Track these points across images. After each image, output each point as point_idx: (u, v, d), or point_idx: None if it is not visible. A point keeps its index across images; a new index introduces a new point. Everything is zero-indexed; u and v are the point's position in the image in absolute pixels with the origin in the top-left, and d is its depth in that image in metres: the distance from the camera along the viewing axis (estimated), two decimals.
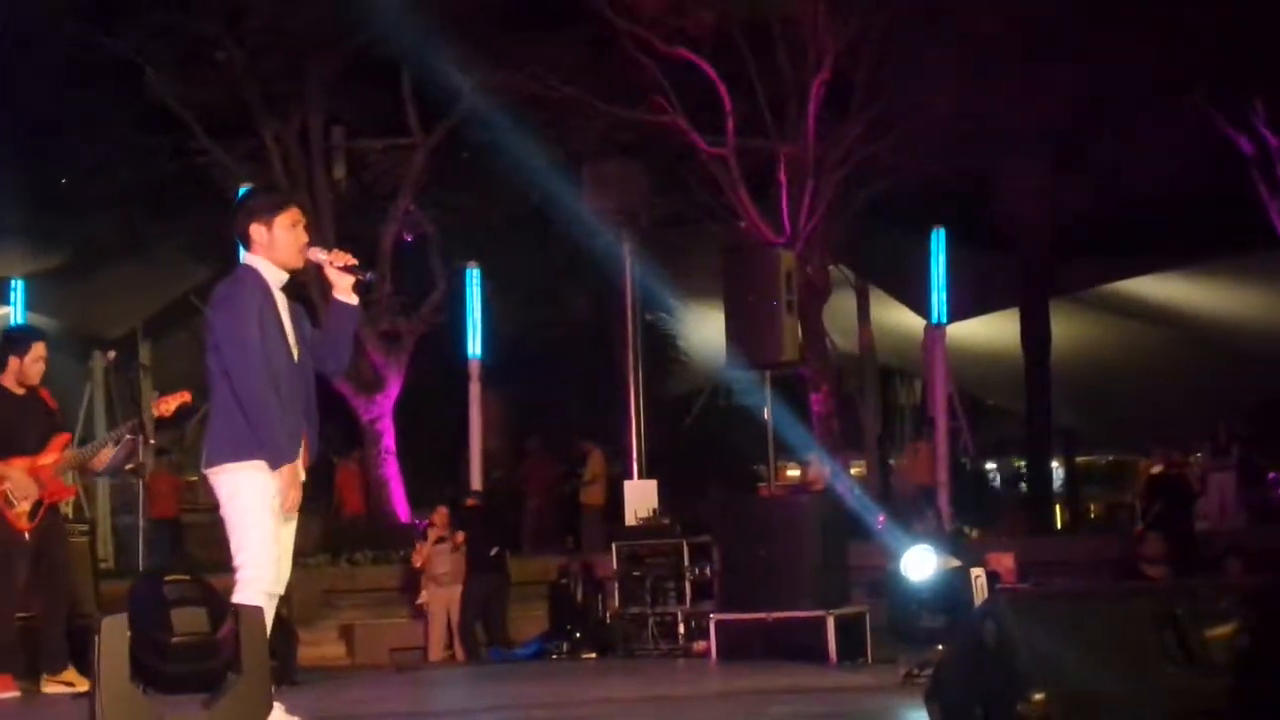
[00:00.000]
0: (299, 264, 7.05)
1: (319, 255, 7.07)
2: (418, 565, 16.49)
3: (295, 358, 6.98)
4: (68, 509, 17.19)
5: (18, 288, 19.78)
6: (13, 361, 10.69)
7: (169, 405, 10.33)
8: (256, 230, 6.99)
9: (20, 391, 10.67)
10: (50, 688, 10.54)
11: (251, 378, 6.81)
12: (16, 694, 10.39)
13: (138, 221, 23.05)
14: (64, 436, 10.69)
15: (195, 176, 22.40)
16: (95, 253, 23.76)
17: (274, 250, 6.97)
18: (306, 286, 7.11)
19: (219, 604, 6.47)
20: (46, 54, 21.81)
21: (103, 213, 23.23)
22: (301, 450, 6.99)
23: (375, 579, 17.56)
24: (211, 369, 6.89)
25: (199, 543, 17.04)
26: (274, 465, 6.80)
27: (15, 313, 19.68)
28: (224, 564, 6.84)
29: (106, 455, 10.66)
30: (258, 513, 6.82)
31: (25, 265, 22.63)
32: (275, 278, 6.99)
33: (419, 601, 16.38)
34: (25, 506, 10.44)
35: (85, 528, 13.39)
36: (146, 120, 22.76)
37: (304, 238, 7.04)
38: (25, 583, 10.57)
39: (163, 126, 22.64)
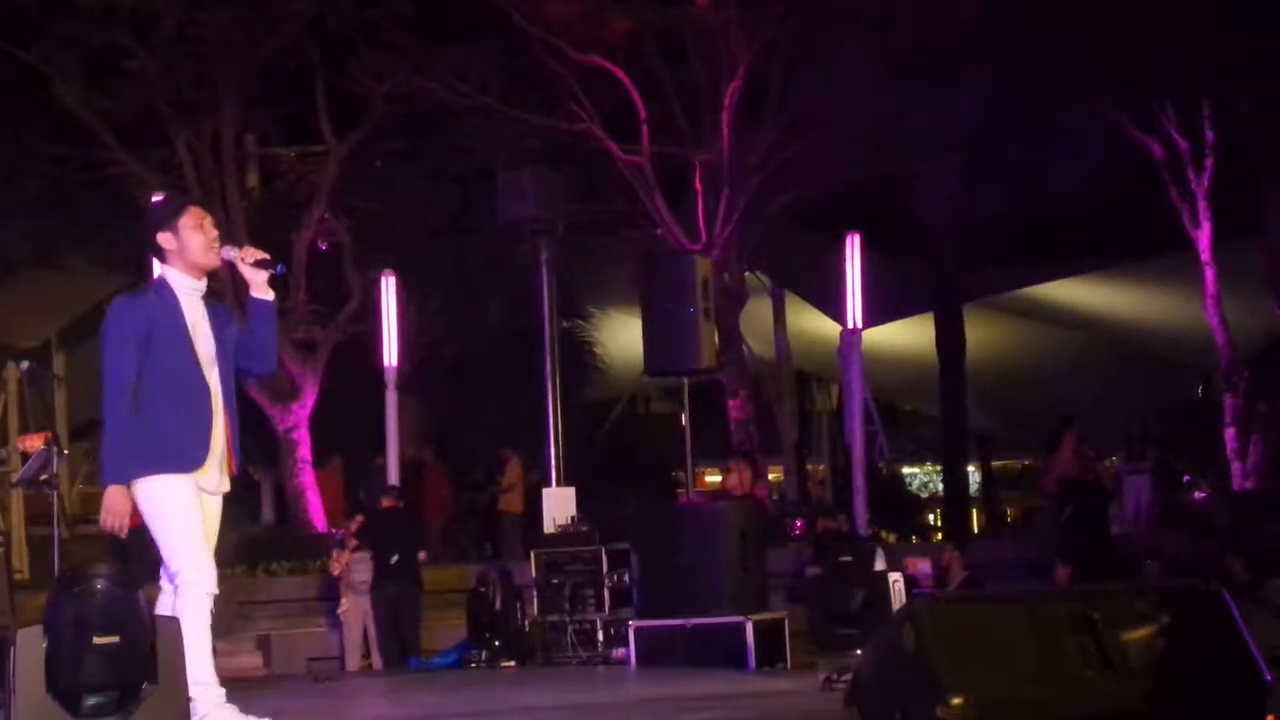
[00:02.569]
0: (213, 262, 7.08)
1: (230, 253, 7.11)
2: (336, 573, 16.40)
3: (203, 371, 7.01)
4: None
5: None
6: None
7: (32, 443, 10.28)
8: (164, 239, 7.03)
9: None
10: None
11: (115, 404, 6.88)
12: None
13: (49, 232, 22.81)
14: None
15: (108, 187, 22.18)
16: (7, 263, 23.50)
17: (185, 254, 7.01)
18: (221, 295, 7.10)
19: (137, 614, 6.44)
20: None
21: (13, 223, 22.97)
22: (221, 456, 6.99)
23: (292, 589, 17.45)
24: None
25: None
26: (185, 469, 6.85)
27: None
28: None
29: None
30: (177, 514, 6.84)
31: None
32: (189, 285, 7.02)
33: (339, 610, 16.29)
34: None
35: None
36: (57, 130, 22.52)
37: (211, 234, 7.07)
38: None
39: (74, 136, 22.40)
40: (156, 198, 17.55)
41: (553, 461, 15.60)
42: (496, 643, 13.74)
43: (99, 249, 22.74)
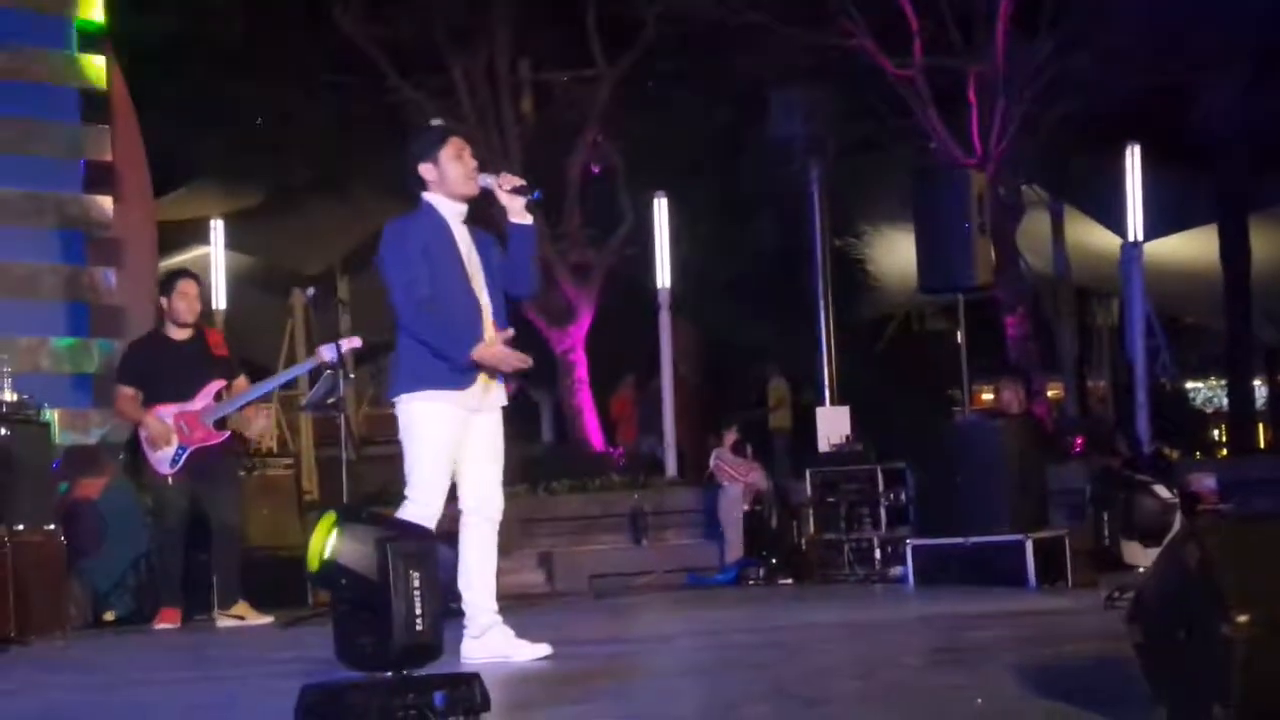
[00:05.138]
0: (472, 191, 7.26)
1: (488, 180, 7.28)
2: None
3: (474, 288, 7.22)
4: (271, 443, 17.66)
5: (216, 228, 20.14)
6: (162, 303, 10.95)
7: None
8: (426, 169, 7.24)
9: (179, 336, 10.87)
10: (224, 621, 10.88)
11: (411, 313, 7.14)
12: (177, 626, 10.74)
13: (332, 160, 23.37)
14: (218, 383, 10.85)
15: (387, 114, 22.65)
16: (291, 192, 24.14)
17: (445, 184, 7.21)
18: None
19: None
20: None
21: (297, 152, 23.58)
22: (489, 374, 7.21)
23: (572, 507, 17.72)
24: (390, 299, 7.17)
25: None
26: (452, 387, 7.10)
27: (215, 252, 20.07)
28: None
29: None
30: (428, 444, 7.04)
31: (222, 205, 23.03)
32: (452, 210, 7.23)
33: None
34: (166, 453, 10.71)
35: (289, 461, 13.69)
36: (338, 60, 23.05)
37: (471, 164, 7.25)
38: (186, 523, 10.89)
39: (354, 66, 22.90)
40: (426, 126, 17.92)
41: (826, 381, 15.58)
42: (773, 560, 13.82)
43: (380, 176, 23.27)
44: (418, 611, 4.84)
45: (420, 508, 7.10)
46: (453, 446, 7.21)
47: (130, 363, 11.05)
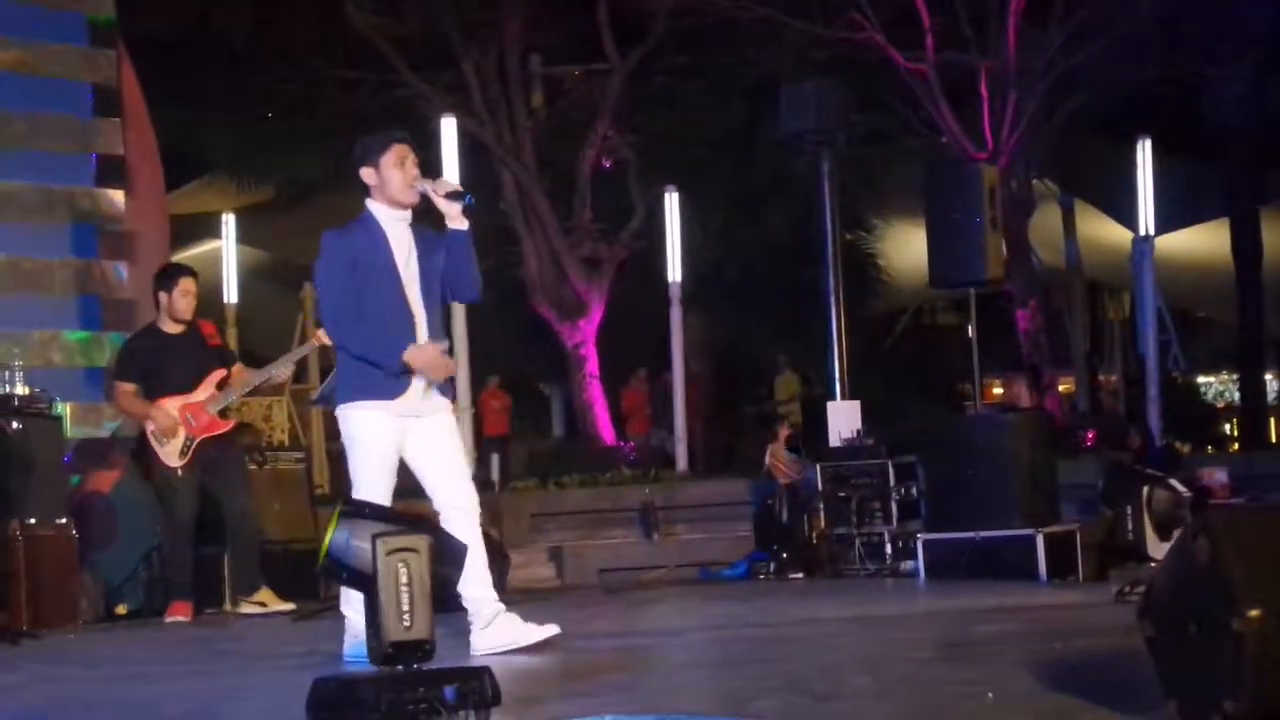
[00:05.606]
0: (411, 200, 7.35)
1: (424, 185, 7.32)
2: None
3: (408, 298, 7.31)
4: (283, 436, 17.67)
5: (228, 222, 20.19)
6: (161, 297, 10.96)
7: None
8: (367, 174, 7.36)
9: (174, 330, 10.90)
10: (246, 608, 10.89)
11: (335, 325, 7.30)
12: (188, 619, 10.76)
13: (342, 156, 23.38)
14: (219, 373, 10.89)
15: (397, 110, 22.67)
16: (301, 186, 24.18)
17: (385, 190, 7.32)
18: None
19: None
20: None
21: (307, 148, 23.60)
22: (424, 382, 7.27)
23: (583, 501, 17.72)
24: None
25: None
26: (386, 396, 7.19)
27: (226, 246, 20.11)
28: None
29: (284, 374, 11.01)
30: (365, 451, 7.25)
31: (234, 200, 23.10)
32: (391, 217, 7.35)
33: None
34: (174, 445, 10.73)
35: (300, 455, 13.69)
36: (348, 56, 23.07)
37: (412, 173, 7.32)
38: (195, 515, 10.92)
39: (365, 62, 22.92)
40: (447, 118, 17.93)
41: (837, 375, 15.54)
42: (784, 554, 13.81)
43: None
44: (405, 608, 4.84)
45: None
46: (392, 453, 7.29)
47: (129, 358, 11.05)
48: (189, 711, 6.11)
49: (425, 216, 7.50)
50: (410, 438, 7.30)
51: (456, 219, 7.37)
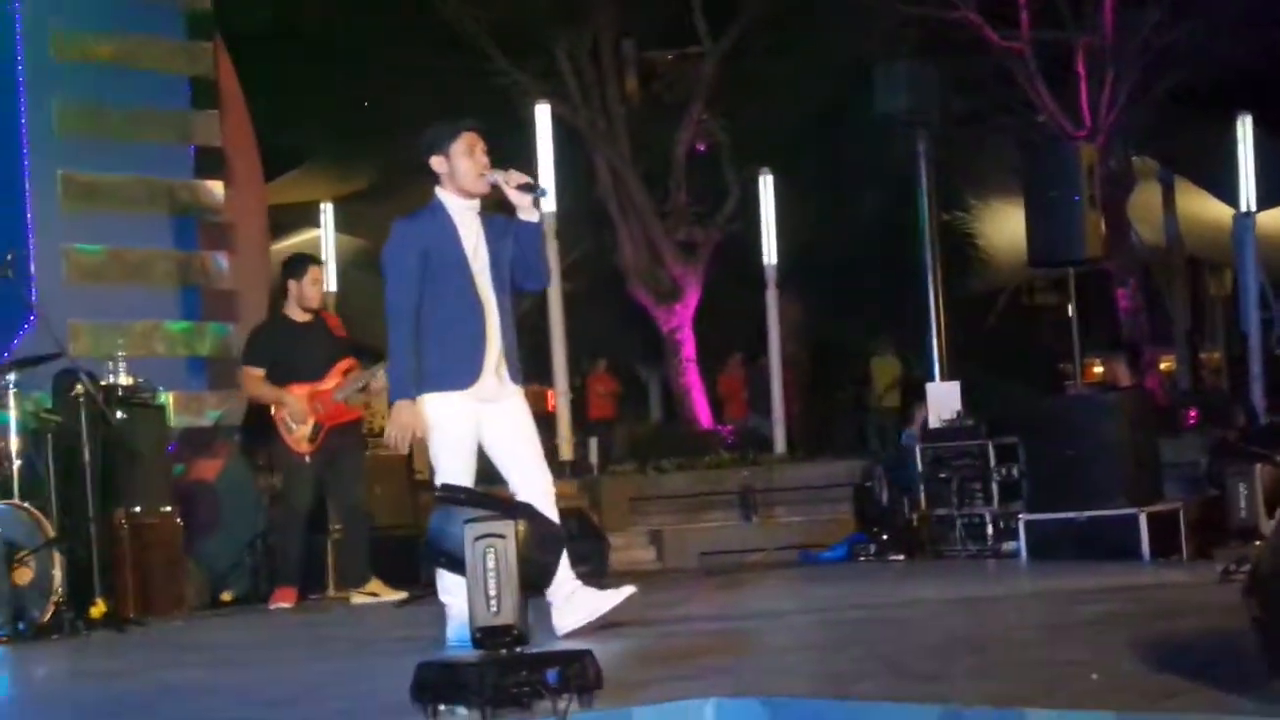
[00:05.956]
0: (481, 189, 7.36)
1: (496, 177, 7.32)
2: None
3: (478, 286, 7.36)
4: (383, 422, 17.77)
5: (326, 211, 20.34)
6: (291, 286, 11.07)
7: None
8: (437, 162, 7.38)
9: (302, 318, 11.02)
10: (357, 599, 10.98)
11: (394, 315, 7.34)
12: (292, 605, 10.84)
13: None
14: (347, 361, 10.98)
15: (493, 97, 22.74)
16: (397, 175, 24.29)
17: (454, 179, 7.33)
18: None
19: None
20: None
21: (403, 136, 23.70)
22: (498, 365, 7.34)
23: (681, 485, 17.75)
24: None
25: None
26: (458, 387, 7.26)
27: (324, 235, 20.25)
28: None
29: (381, 382, 11.06)
30: (444, 439, 7.30)
31: (332, 189, 23.23)
32: (460, 206, 7.33)
33: None
34: (304, 431, 10.82)
35: None
36: (442, 43, 23.15)
37: (482, 162, 7.33)
38: (312, 503, 11.01)
39: (459, 49, 23.00)
40: (541, 104, 17.97)
41: (935, 356, 15.47)
42: (885, 536, 13.77)
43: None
44: (491, 593, 4.86)
45: None
46: (470, 439, 7.35)
47: (257, 344, 11.18)
48: (293, 696, 6.17)
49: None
50: (486, 424, 7.35)
51: (528, 210, 7.40)
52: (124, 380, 11.15)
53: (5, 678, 8.13)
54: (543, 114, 18.09)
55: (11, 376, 9.86)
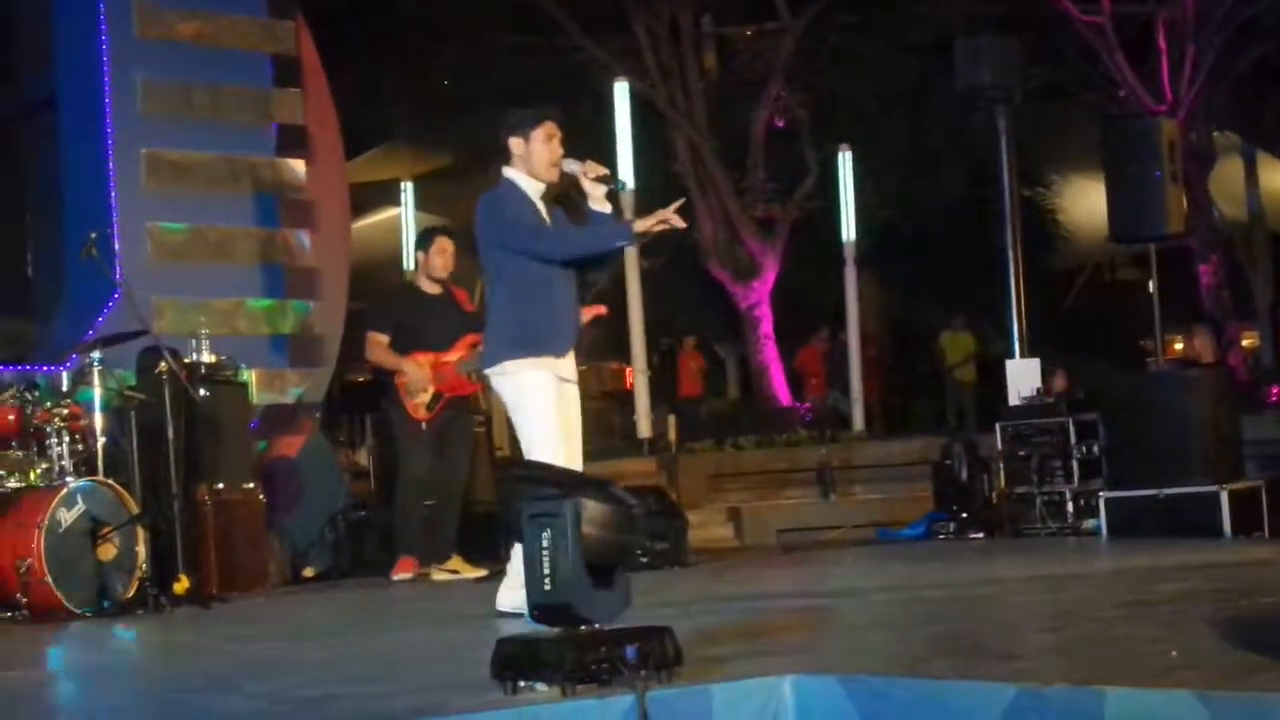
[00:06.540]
0: (553, 177, 7.47)
1: (573, 166, 7.44)
2: None
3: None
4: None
5: (407, 189, 20.44)
6: (419, 257, 11.23)
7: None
8: (515, 143, 7.46)
9: (432, 290, 11.12)
10: (439, 575, 11.01)
11: (551, 244, 7.39)
12: (410, 575, 10.90)
13: None
14: (473, 337, 10.99)
15: (572, 74, 22.77)
16: (478, 153, 24.35)
17: (530, 162, 7.42)
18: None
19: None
20: None
21: (483, 113, 23.76)
22: (573, 347, 7.47)
23: (758, 462, 17.75)
24: (487, 271, 7.46)
25: None
26: (552, 354, 7.30)
27: (405, 213, 20.34)
28: None
29: None
30: (542, 410, 7.27)
31: (412, 167, 23.31)
32: (532, 188, 7.40)
33: None
34: (423, 399, 10.88)
35: (481, 418, 13.82)
36: (523, 20, 23.19)
37: (558, 151, 7.46)
38: (428, 472, 11.03)
39: (539, 26, 23.03)
40: (621, 83, 17.98)
41: (1015, 333, 15.40)
42: (964, 514, 13.72)
43: (565, 136, 23.40)
44: (545, 571, 4.89)
45: None
46: (559, 412, 7.36)
47: (384, 311, 11.28)
48: (374, 671, 6.23)
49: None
50: (559, 403, 7.38)
51: (600, 201, 7.49)
52: (207, 358, 11.25)
53: (90, 653, 8.24)
54: (621, 91, 18.11)
55: (96, 354, 9.97)
